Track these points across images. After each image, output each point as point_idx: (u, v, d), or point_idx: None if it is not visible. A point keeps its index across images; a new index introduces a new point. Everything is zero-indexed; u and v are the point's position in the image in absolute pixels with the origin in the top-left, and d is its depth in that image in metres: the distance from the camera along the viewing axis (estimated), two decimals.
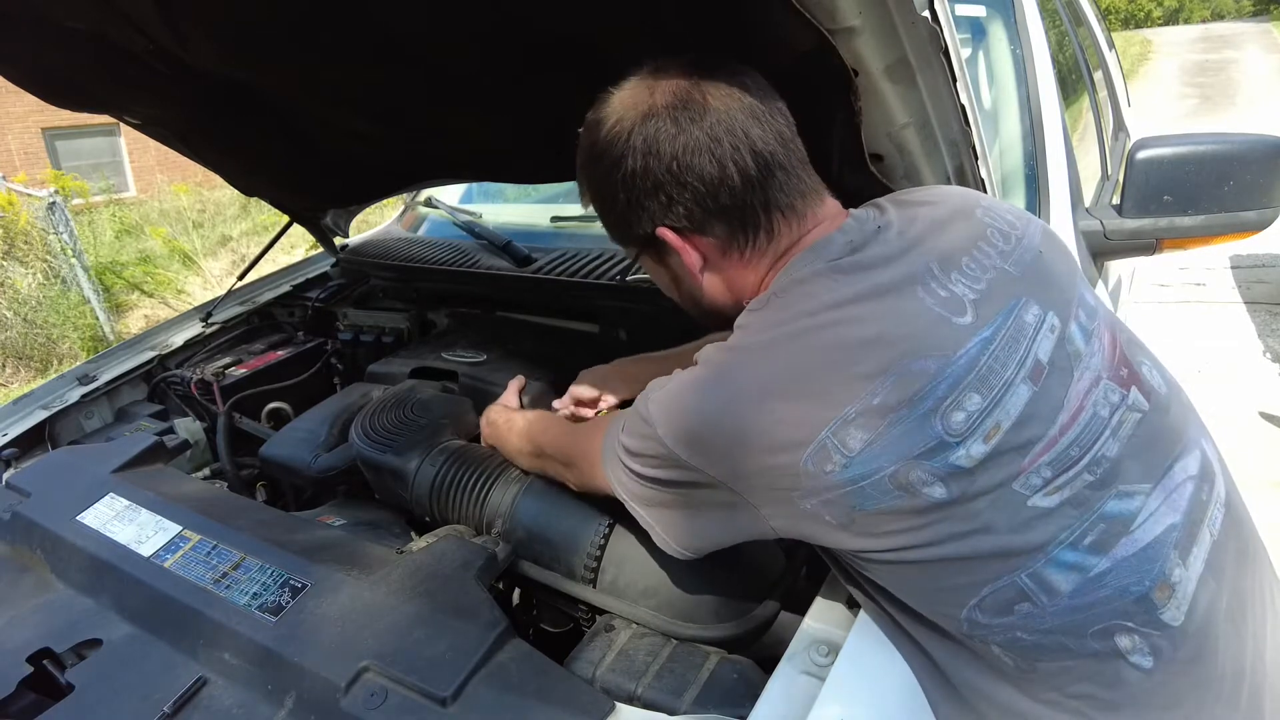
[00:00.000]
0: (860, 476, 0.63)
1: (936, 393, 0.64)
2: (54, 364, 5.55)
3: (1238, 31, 21.67)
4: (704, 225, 0.77)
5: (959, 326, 0.67)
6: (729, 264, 0.79)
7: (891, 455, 0.63)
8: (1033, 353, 0.68)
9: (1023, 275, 0.73)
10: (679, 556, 0.79)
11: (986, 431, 0.64)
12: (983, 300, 0.69)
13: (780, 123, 0.76)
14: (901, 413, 0.63)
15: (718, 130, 0.72)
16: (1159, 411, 0.72)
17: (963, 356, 0.65)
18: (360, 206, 2.00)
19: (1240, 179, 1.26)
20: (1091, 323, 0.74)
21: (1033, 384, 0.66)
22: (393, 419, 1.28)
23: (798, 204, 0.77)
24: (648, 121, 0.74)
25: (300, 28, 1.07)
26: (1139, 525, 0.65)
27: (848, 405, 0.64)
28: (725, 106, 0.73)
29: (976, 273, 0.71)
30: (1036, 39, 1.61)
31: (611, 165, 0.77)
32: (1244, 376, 3.43)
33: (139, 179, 12.02)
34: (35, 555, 1.04)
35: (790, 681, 0.74)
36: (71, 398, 1.51)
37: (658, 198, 0.76)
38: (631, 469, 0.76)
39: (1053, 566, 0.63)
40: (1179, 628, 0.64)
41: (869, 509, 0.64)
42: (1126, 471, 0.67)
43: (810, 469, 0.64)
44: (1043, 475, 0.64)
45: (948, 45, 0.78)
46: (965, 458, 0.63)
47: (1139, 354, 0.77)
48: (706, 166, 0.73)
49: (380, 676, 0.78)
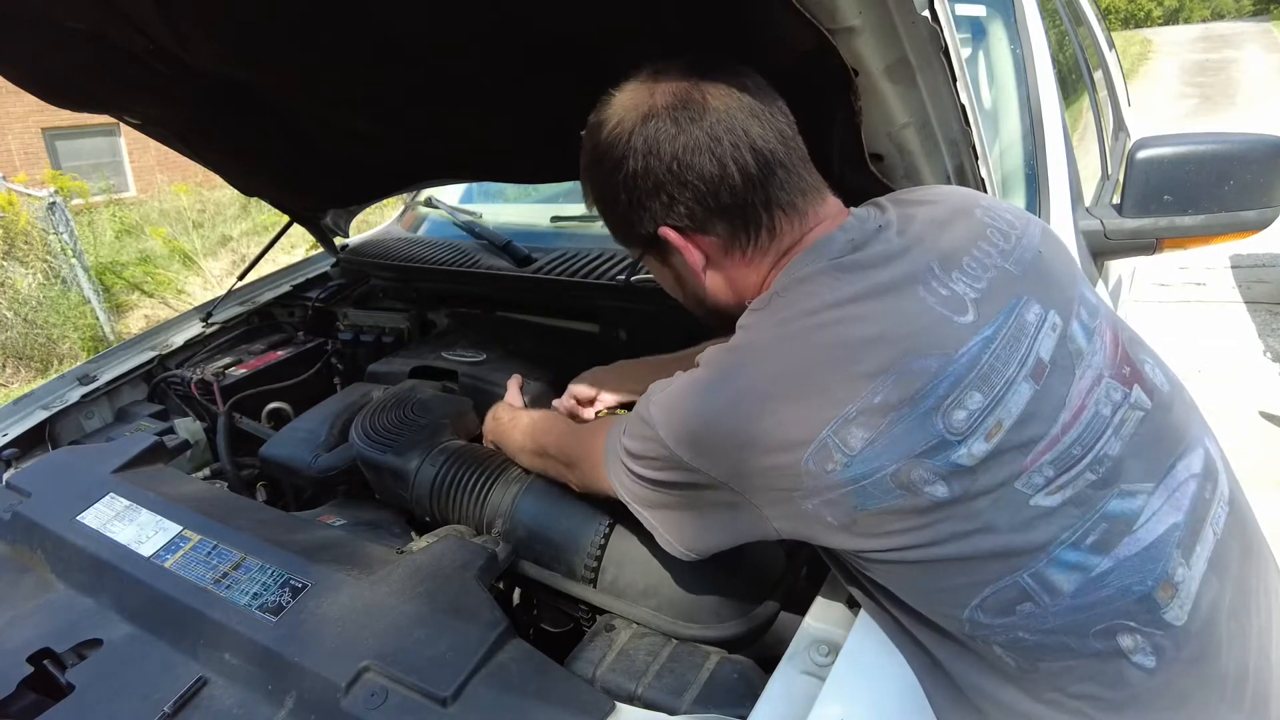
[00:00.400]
0: (862, 475, 0.63)
1: (938, 391, 0.64)
2: (54, 364, 5.55)
3: (1238, 31, 21.67)
4: (706, 224, 0.77)
5: (960, 325, 0.67)
6: (731, 263, 0.79)
7: (893, 454, 0.63)
8: (1034, 351, 0.68)
9: (1023, 274, 0.73)
10: (683, 558, 0.79)
11: (988, 430, 0.63)
12: (984, 299, 0.69)
13: (781, 121, 0.76)
14: (903, 411, 0.63)
15: (718, 129, 0.73)
16: (1161, 410, 0.72)
17: (964, 355, 0.65)
18: (360, 206, 1.99)
19: (1240, 179, 1.26)
20: (1093, 321, 0.74)
21: (1034, 383, 0.66)
22: (393, 419, 1.28)
23: (799, 202, 0.77)
24: (648, 122, 0.74)
25: (300, 28, 1.07)
26: (1141, 525, 0.65)
27: (849, 404, 0.64)
28: (725, 106, 0.73)
29: (977, 271, 0.71)
30: (1036, 39, 1.61)
31: (613, 166, 0.77)
32: (1244, 376, 3.43)
33: (139, 179, 12.02)
34: (35, 555, 1.04)
35: (790, 681, 0.74)
36: (71, 398, 1.51)
37: (659, 198, 0.76)
38: (633, 471, 0.76)
39: (1055, 566, 0.63)
40: (1182, 627, 0.64)
41: (870, 508, 0.64)
42: (1129, 470, 0.67)
43: (812, 468, 0.64)
44: (1045, 474, 0.64)
45: (948, 45, 0.78)
46: (967, 456, 0.63)
47: (1141, 352, 0.77)
48: (707, 165, 0.73)
49: (380, 676, 0.78)
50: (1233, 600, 0.68)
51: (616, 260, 1.59)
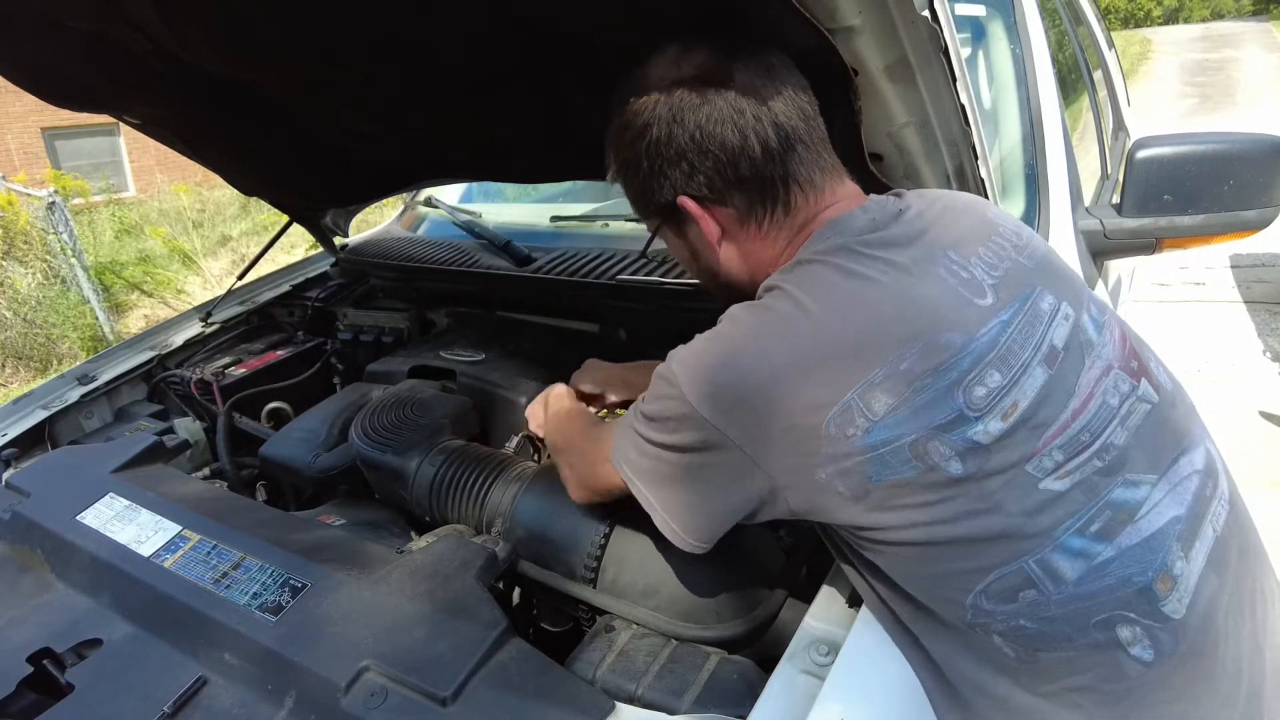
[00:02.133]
0: (882, 443, 0.64)
1: (960, 365, 0.65)
2: (54, 364, 5.55)
3: (1238, 31, 21.68)
4: (724, 195, 0.78)
5: (980, 307, 0.69)
6: (746, 235, 0.81)
7: (914, 423, 0.64)
8: (1048, 338, 0.69)
9: (1035, 267, 0.75)
10: (684, 547, 0.77)
11: (1005, 409, 0.65)
12: (1000, 285, 0.71)
13: (803, 99, 0.77)
14: (927, 380, 0.64)
15: (741, 102, 0.74)
16: (1166, 405, 0.74)
17: (984, 335, 0.67)
18: (360, 206, 1.99)
19: (1240, 178, 1.26)
20: (1102, 316, 0.76)
21: (1048, 368, 0.68)
22: (393, 419, 1.28)
23: (817, 179, 0.78)
24: (674, 92, 0.76)
25: (300, 28, 1.07)
26: (1143, 515, 0.66)
27: (875, 368, 0.65)
28: (749, 81, 0.75)
29: (993, 260, 0.73)
30: (1036, 39, 1.61)
31: (636, 135, 0.79)
32: (1244, 376, 3.43)
33: (139, 179, 12.02)
34: (35, 555, 1.04)
35: (790, 681, 0.74)
36: (71, 398, 1.51)
37: (680, 166, 0.78)
38: (645, 437, 0.75)
39: (1060, 552, 0.64)
40: (1180, 621, 0.64)
41: (885, 479, 0.65)
42: (1134, 460, 0.68)
43: (833, 431, 0.64)
44: (1054, 458, 0.65)
45: (947, 45, 0.78)
46: (983, 433, 0.64)
47: (1145, 350, 0.79)
48: (729, 136, 0.75)
49: (380, 676, 0.78)
50: (1230, 599, 0.68)
51: (616, 260, 1.59)
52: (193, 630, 0.88)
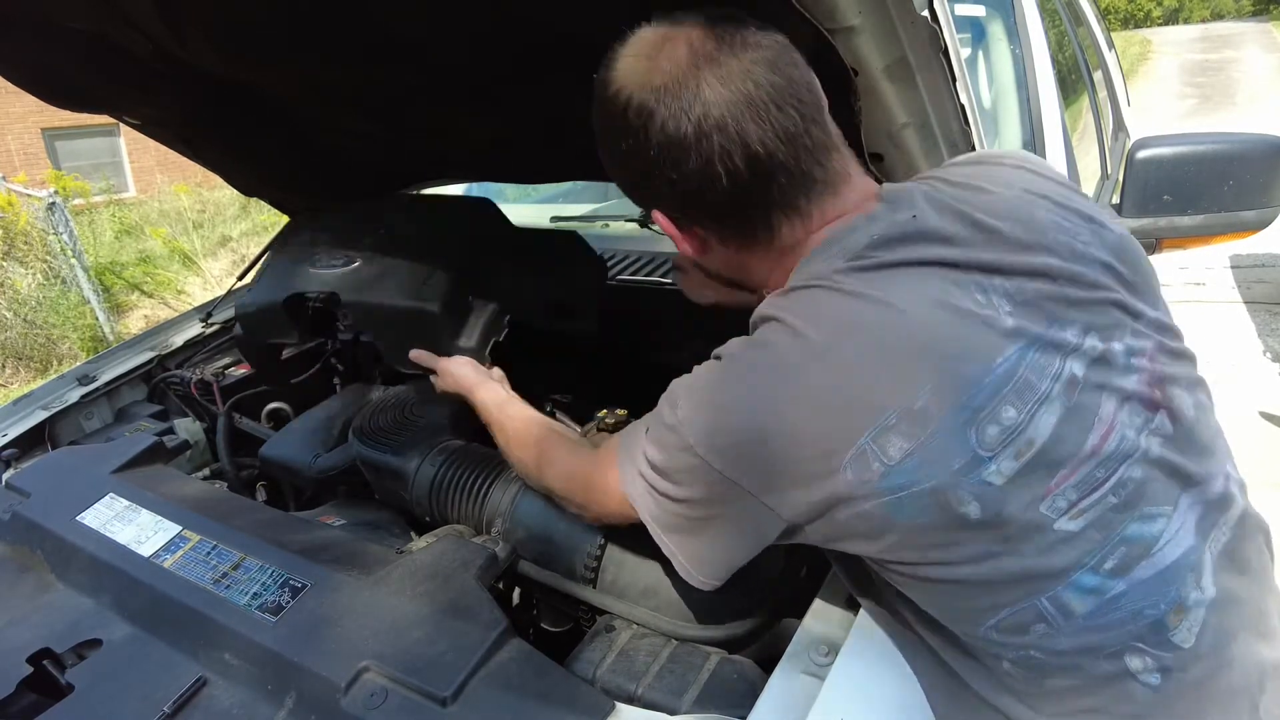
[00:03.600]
0: (899, 486, 0.61)
1: (974, 402, 0.61)
2: (54, 364, 5.55)
3: (1237, 31, 21.67)
4: (695, 219, 0.75)
5: (998, 333, 0.63)
6: (729, 251, 0.77)
7: (931, 469, 0.61)
8: (1067, 367, 0.64)
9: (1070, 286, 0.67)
10: (701, 586, 0.75)
11: (1019, 449, 0.61)
12: (1022, 309, 0.65)
13: (790, 114, 0.68)
14: (944, 419, 0.61)
15: (706, 125, 0.66)
16: (1185, 434, 0.69)
17: (1001, 365, 0.62)
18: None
19: (1240, 178, 1.26)
20: (1136, 341, 0.69)
21: (1065, 400, 0.63)
22: (392, 419, 1.28)
23: (802, 203, 0.71)
24: (642, 98, 0.68)
25: (300, 28, 1.07)
26: (1159, 549, 0.63)
27: (889, 409, 0.61)
28: (722, 98, 0.66)
29: (1020, 281, 0.67)
30: (1036, 39, 1.61)
31: (609, 133, 0.74)
32: (1244, 376, 3.42)
33: (139, 179, 12.01)
34: (35, 555, 1.04)
35: (790, 681, 0.74)
36: (71, 398, 1.51)
37: (651, 181, 0.73)
38: (659, 491, 0.72)
39: (1072, 590, 0.62)
40: (1190, 649, 0.63)
41: (904, 521, 0.62)
42: (1150, 493, 0.64)
43: (850, 477, 0.62)
44: (1068, 498, 0.62)
45: (947, 45, 0.78)
46: (996, 474, 0.61)
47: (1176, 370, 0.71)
48: (691, 163, 0.68)
49: (380, 676, 0.78)
50: (1239, 623, 0.67)
51: (616, 260, 1.59)
52: (193, 631, 0.87)
